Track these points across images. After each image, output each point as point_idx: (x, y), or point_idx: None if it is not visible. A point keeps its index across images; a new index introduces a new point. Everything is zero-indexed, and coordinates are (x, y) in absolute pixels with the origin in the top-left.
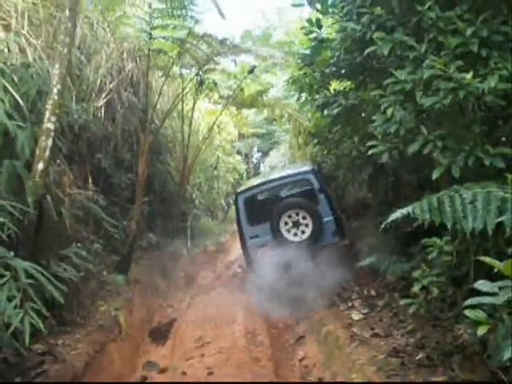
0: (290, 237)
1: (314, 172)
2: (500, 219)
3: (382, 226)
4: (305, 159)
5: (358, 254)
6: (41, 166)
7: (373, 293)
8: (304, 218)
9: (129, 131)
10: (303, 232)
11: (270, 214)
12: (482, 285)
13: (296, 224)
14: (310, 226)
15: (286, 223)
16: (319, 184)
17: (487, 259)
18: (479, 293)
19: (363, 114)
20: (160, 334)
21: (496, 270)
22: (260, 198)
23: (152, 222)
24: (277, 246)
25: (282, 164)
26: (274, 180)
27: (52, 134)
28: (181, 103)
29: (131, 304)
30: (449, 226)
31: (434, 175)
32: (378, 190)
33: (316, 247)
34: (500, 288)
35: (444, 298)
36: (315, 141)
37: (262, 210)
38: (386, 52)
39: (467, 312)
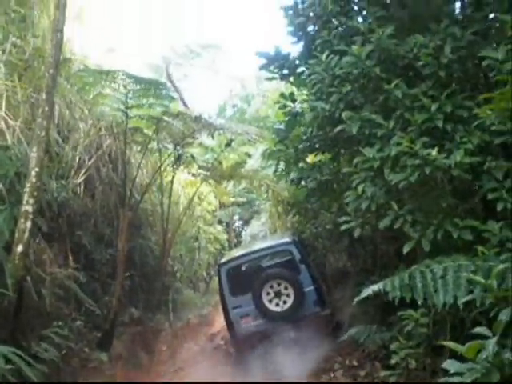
0: (272, 307)
1: (295, 243)
2: (468, 298)
3: (356, 299)
4: (285, 230)
5: (339, 323)
6: (20, 248)
7: (354, 363)
8: (286, 288)
9: (108, 207)
10: (285, 302)
11: (253, 285)
12: (450, 365)
13: (278, 294)
14: (292, 296)
15: (268, 293)
16: (300, 254)
17: (451, 344)
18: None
19: (339, 186)
20: None
21: None
22: (242, 268)
23: (133, 297)
24: (259, 316)
25: (264, 233)
26: (256, 251)
27: (30, 216)
28: (160, 177)
29: (114, 380)
30: (419, 302)
31: (405, 249)
32: (357, 259)
33: (298, 317)
34: (467, 369)
35: (424, 366)
36: (294, 211)
37: (244, 280)
38: (354, 131)
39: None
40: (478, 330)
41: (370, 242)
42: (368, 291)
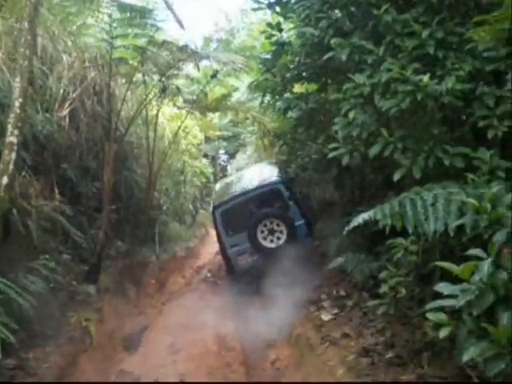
0: (266, 244)
1: (283, 182)
2: (460, 222)
3: (347, 228)
4: (270, 159)
5: (326, 254)
6: (5, 180)
7: (342, 293)
8: (278, 225)
9: (93, 140)
10: (278, 238)
11: (247, 225)
12: (443, 287)
13: (271, 232)
14: (284, 232)
15: (262, 232)
16: (289, 192)
17: (445, 264)
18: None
19: (325, 117)
20: (132, 342)
21: None
22: (235, 210)
23: (120, 230)
24: (254, 252)
25: (248, 163)
26: (247, 192)
27: (15, 147)
28: (145, 109)
29: (102, 313)
30: (410, 230)
31: (396, 177)
32: (344, 190)
33: (290, 250)
34: (461, 291)
35: (413, 296)
36: (280, 142)
37: (238, 221)
38: (344, 57)
39: (429, 315)
40: (473, 251)
41: (357, 172)
42: (358, 220)
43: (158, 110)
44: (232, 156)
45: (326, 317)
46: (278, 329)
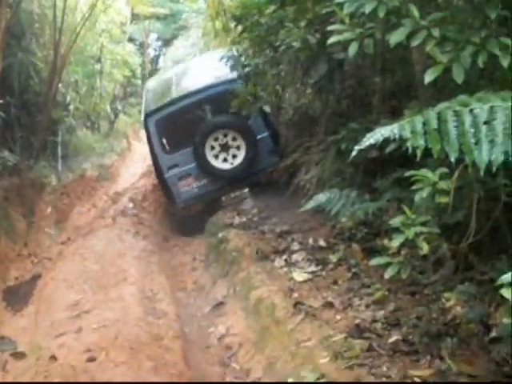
0: (218, 164)
1: (242, 78)
2: None
3: (356, 148)
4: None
5: (301, 188)
6: None
7: (322, 243)
8: (234, 138)
9: None
10: (234, 156)
11: (192, 138)
12: None
13: (225, 147)
14: (243, 147)
15: (212, 148)
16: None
17: None
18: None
19: None
20: (18, 297)
21: None
22: (176, 118)
23: (8, 135)
24: (202, 175)
25: (193, 54)
26: (192, 93)
27: None
28: None
29: None
30: (452, 158)
31: (428, 77)
32: (331, 97)
33: (252, 173)
34: None
35: (426, 254)
36: (241, 27)
37: (180, 132)
38: None
39: (505, 291)
40: None
41: (352, 75)
42: (374, 136)
43: None
44: (167, 43)
45: (299, 276)
46: (226, 288)
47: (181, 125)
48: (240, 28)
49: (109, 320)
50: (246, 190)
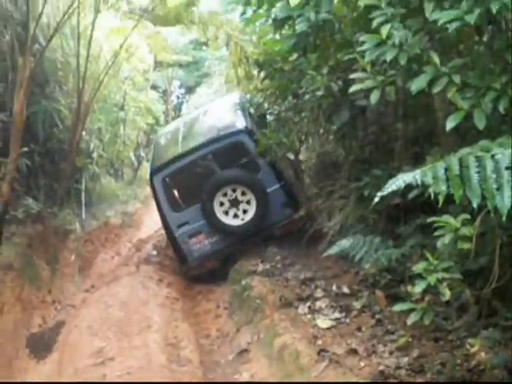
0: (228, 220)
1: (248, 131)
2: None
3: (379, 195)
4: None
5: (323, 235)
6: None
7: (345, 290)
8: (243, 193)
9: (1, 52)
10: (245, 211)
11: (200, 195)
12: None
13: (234, 203)
14: (253, 202)
15: (221, 204)
16: (256, 145)
17: None
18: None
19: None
20: (42, 345)
21: None
22: (182, 174)
23: (32, 183)
24: (213, 232)
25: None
26: (197, 148)
27: None
28: (76, 16)
29: (1, 300)
30: (475, 203)
31: (449, 124)
32: (354, 144)
33: (265, 227)
34: None
35: (449, 300)
36: (263, 73)
37: (188, 189)
38: None
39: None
40: None
41: (375, 121)
42: (397, 183)
43: (94, 20)
44: (190, 90)
45: (323, 323)
46: (250, 335)
47: (188, 181)
48: (262, 75)
49: (133, 367)
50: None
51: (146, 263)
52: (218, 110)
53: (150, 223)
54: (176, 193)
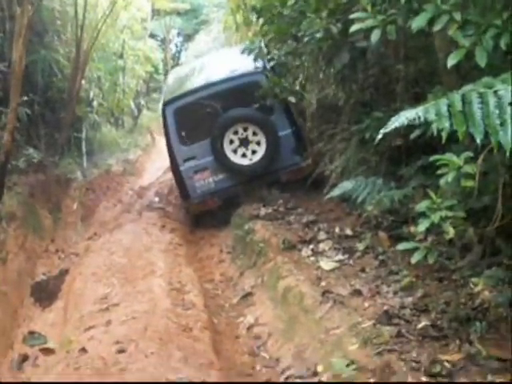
0: (236, 159)
1: (265, 72)
2: None
3: (381, 132)
4: (245, 40)
5: (325, 178)
6: None
7: (348, 231)
8: (255, 133)
9: None
10: (254, 152)
11: (210, 130)
12: None
13: (244, 142)
14: (263, 143)
15: (231, 141)
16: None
17: None
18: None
19: None
20: (46, 292)
21: None
22: (195, 108)
23: (33, 132)
24: (220, 170)
25: (214, 49)
26: (212, 84)
27: None
28: None
29: (4, 249)
30: (478, 139)
31: (450, 61)
32: (354, 87)
33: (272, 171)
34: None
35: (452, 239)
36: (262, 19)
37: (198, 124)
38: None
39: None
40: None
41: (375, 63)
42: (399, 120)
43: None
44: (189, 38)
45: (326, 265)
46: (254, 278)
47: (200, 116)
48: (261, 21)
49: (137, 312)
50: (265, 191)
51: (149, 210)
52: (231, 54)
53: (152, 170)
54: (186, 126)
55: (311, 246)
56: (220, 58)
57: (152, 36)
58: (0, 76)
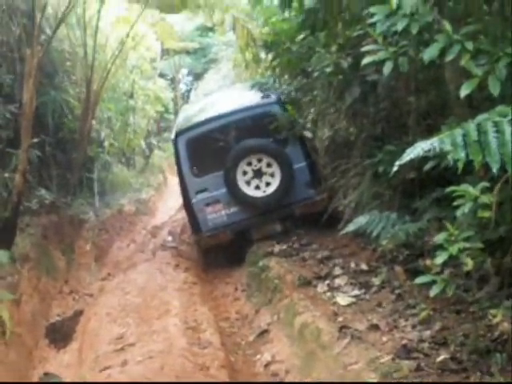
0: (249, 191)
1: (280, 103)
2: None
3: (397, 164)
4: (255, 76)
5: (338, 213)
6: None
7: (363, 266)
8: (269, 165)
9: (8, 44)
10: (268, 184)
11: (223, 161)
12: None
13: (258, 174)
14: (278, 175)
15: (244, 173)
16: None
17: None
18: None
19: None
20: (61, 334)
21: None
22: (207, 139)
23: (45, 173)
24: (233, 203)
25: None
26: (226, 115)
27: None
28: (81, 5)
29: (18, 291)
30: (494, 168)
31: (463, 92)
32: (364, 121)
33: (286, 204)
34: None
35: (469, 272)
36: (272, 54)
37: (211, 155)
38: None
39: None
40: None
41: (386, 96)
42: (415, 151)
43: (99, 9)
44: (198, 77)
45: (342, 300)
46: (270, 315)
47: (213, 146)
48: (271, 56)
49: (153, 352)
50: (278, 225)
51: (162, 249)
52: (243, 89)
53: (165, 209)
54: (199, 157)
55: (327, 282)
56: (231, 93)
57: (162, 75)
58: (11, 117)
